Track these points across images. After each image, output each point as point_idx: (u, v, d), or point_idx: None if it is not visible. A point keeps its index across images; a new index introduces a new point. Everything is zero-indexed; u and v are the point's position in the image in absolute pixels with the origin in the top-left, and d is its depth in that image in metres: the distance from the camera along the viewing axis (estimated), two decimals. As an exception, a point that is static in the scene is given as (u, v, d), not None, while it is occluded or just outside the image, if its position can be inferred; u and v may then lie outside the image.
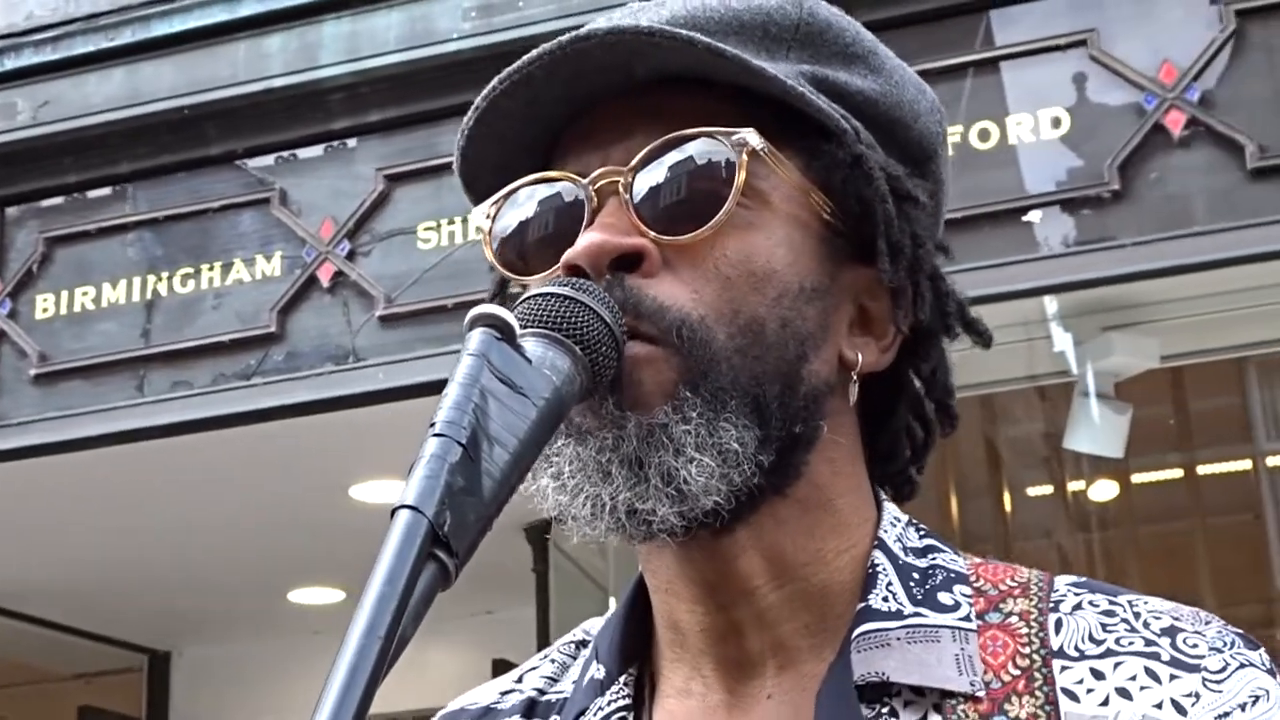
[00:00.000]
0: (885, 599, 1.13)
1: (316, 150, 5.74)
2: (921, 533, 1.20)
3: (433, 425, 0.90)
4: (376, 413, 5.58)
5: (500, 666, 8.13)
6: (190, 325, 5.72)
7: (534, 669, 1.30)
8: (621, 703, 1.17)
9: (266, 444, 6.00)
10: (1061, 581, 1.16)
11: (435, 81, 5.54)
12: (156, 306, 5.79)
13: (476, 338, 0.96)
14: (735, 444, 1.07)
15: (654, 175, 1.11)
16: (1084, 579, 1.16)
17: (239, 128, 5.77)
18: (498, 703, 1.27)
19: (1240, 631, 1.09)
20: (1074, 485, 8.10)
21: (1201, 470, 7.94)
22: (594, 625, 1.29)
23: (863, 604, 1.12)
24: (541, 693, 1.26)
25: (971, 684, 1.07)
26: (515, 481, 0.93)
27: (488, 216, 1.20)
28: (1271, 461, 7.79)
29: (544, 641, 7.45)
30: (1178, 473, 7.85)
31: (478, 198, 1.22)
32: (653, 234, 1.10)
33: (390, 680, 0.83)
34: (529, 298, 1.04)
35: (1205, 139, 4.75)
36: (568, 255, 1.11)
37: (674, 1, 1.18)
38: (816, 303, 1.13)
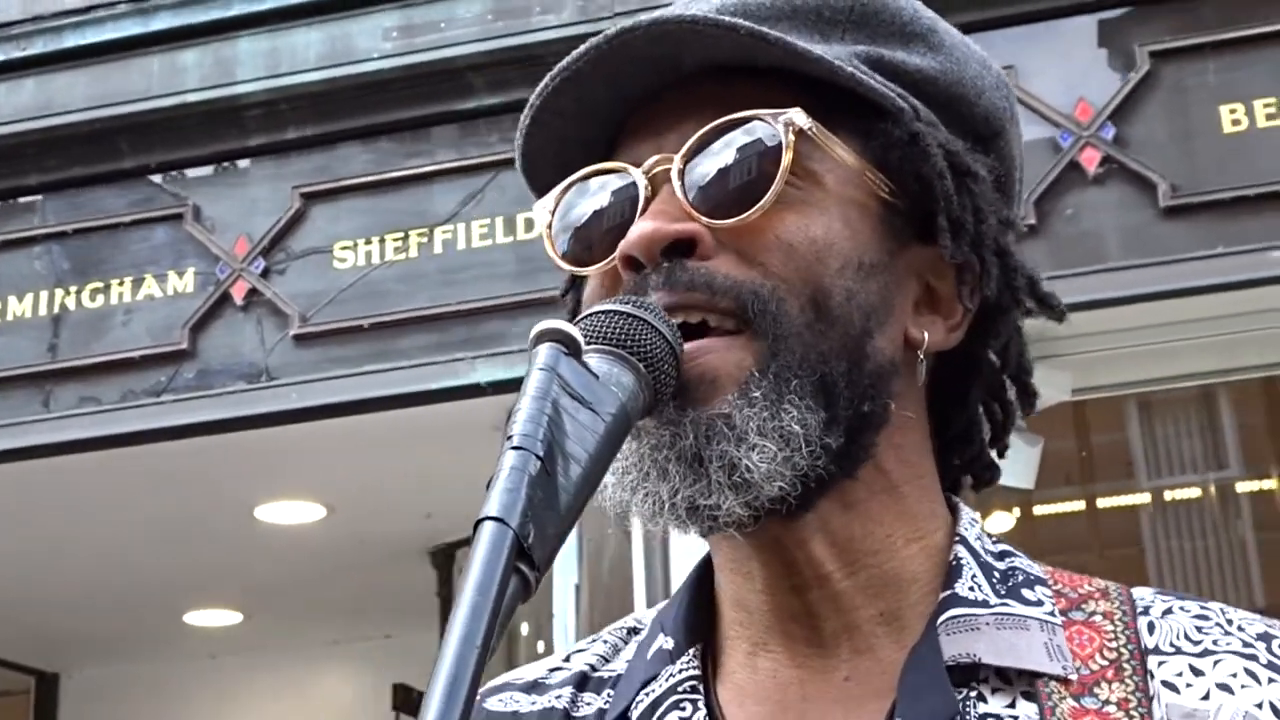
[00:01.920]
0: (971, 589, 1.15)
1: (232, 166, 5.68)
2: (994, 538, 1.22)
3: (509, 438, 0.91)
4: (285, 433, 5.53)
5: (400, 692, 8.07)
6: (99, 341, 5.62)
7: (581, 651, 1.30)
8: (692, 672, 1.17)
9: (171, 462, 5.91)
10: (1143, 590, 1.19)
11: (354, 100, 5.51)
12: (64, 321, 5.69)
13: (544, 352, 0.96)
14: (797, 426, 1.08)
15: (704, 160, 1.13)
16: (1165, 589, 1.19)
17: (152, 142, 5.69)
18: (545, 678, 1.28)
19: None
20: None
21: (1101, 504, 8.07)
22: (645, 615, 1.30)
23: (948, 591, 1.14)
24: (594, 669, 1.27)
25: (1064, 668, 1.10)
26: (587, 496, 0.94)
27: (550, 212, 1.20)
28: (1147, 498, 7.96)
29: (447, 666, 7.40)
30: (1079, 505, 7.97)
31: (540, 194, 1.22)
32: (704, 218, 1.11)
33: (284, 704, 0.83)
34: (591, 314, 1.05)
35: (1119, 177, 4.85)
36: (622, 246, 1.12)
37: None
38: (878, 278, 1.14)
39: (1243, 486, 7.88)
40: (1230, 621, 1.13)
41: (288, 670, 9.24)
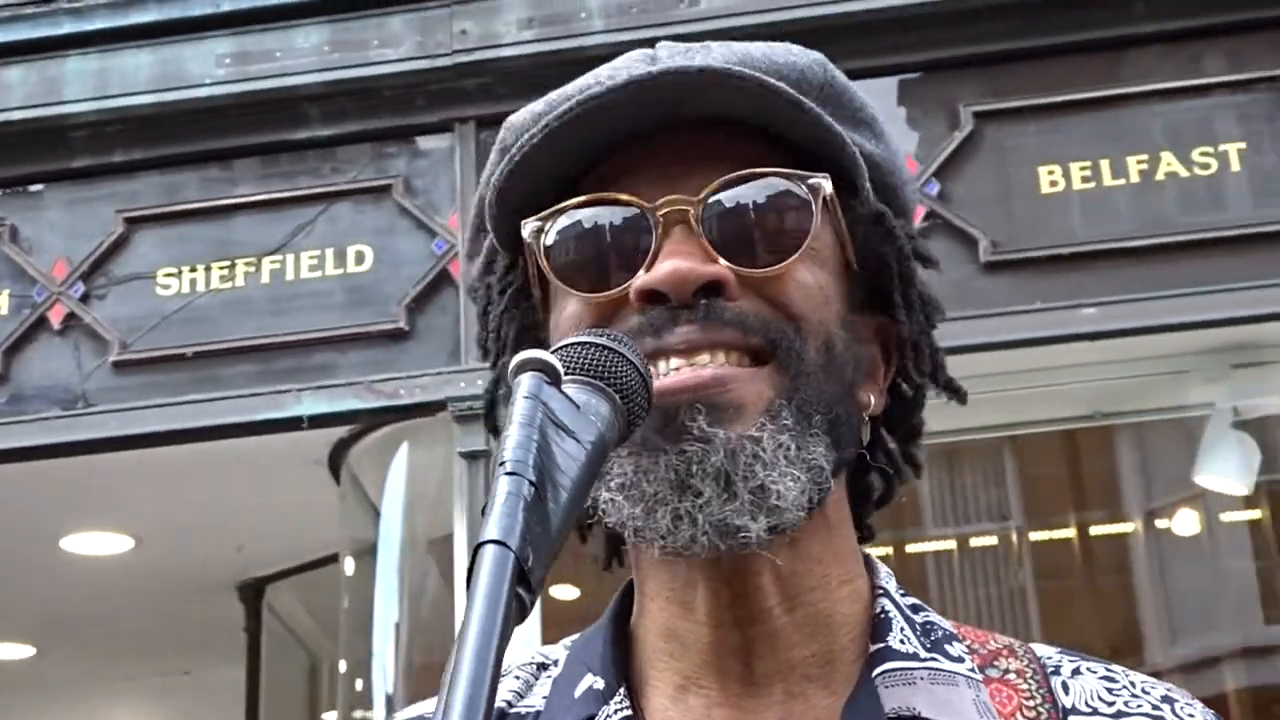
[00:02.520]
0: (902, 641, 1.19)
1: (54, 187, 5.55)
2: (903, 591, 1.27)
3: (503, 464, 0.92)
4: (97, 462, 5.40)
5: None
6: (-93, 361, 5.44)
7: None
8: (625, 713, 1.19)
9: (-23, 489, 5.73)
10: (1044, 648, 1.25)
11: (184, 126, 5.44)
12: None
13: (528, 380, 0.98)
14: (823, 460, 1.14)
15: (728, 207, 1.17)
16: (1059, 646, 1.26)
17: (-29, 159, 5.55)
18: None
19: (1215, 713, 1.21)
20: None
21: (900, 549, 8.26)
22: (550, 650, 1.32)
23: (881, 644, 1.19)
24: (510, 705, 1.27)
25: None
26: (571, 522, 0.95)
27: (539, 231, 1.21)
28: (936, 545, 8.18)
29: (253, 705, 7.27)
30: (881, 550, 8.14)
31: (508, 210, 1.23)
32: (727, 264, 1.16)
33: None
34: (567, 345, 1.07)
35: (942, 232, 5.00)
36: (650, 280, 1.16)
37: (718, 46, 1.25)
38: (853, 333, 1.22)
39: (1027, 536, 8.13)
40: (1134, 684, 1.21)
41: (81, 706, 8.97)
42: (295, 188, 5.40)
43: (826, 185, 1.19)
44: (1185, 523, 6.86)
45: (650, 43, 1.29)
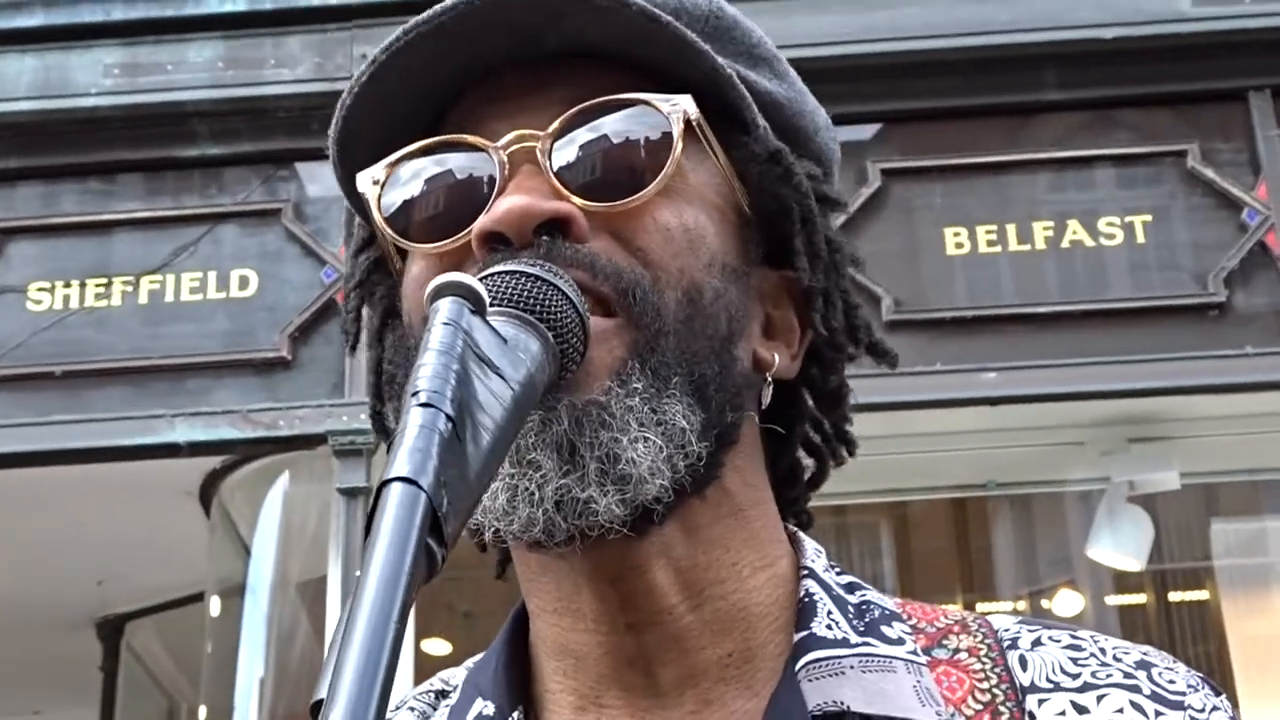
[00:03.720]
0: (829, 627, 1.05)
1: (-76, 193, 5.31)
2: (839, 569, 1.13)
3: (416, 394, 0.77)
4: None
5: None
6: None
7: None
8: None
9: None
10: (1004, 619, 1.11)
11: (66, 136, 5.24)
12: None
13: (448, 306, 0.83)
14: (682, 421, 0.99)
15: (579, 140, 1.04)
16: (1024, 616, 1.12)
17: None
18: None
19: (1203, 675, 1.07)
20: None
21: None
22: (451, 675, 1.16)
23: (805, 632, 1.04)
24: None
25: (938, 713, 1.01)
26: (493, 472, 0.80)
27: (375, 183, 1.07)
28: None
29: (105, 745, 6.98)
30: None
31: (352, 166, 1.09)
32: (579, 200, 1.02)
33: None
34: (496, 273, 0.93)
35: (846, 287, 4.91)
36: (486, 221, 1.01)
37: None
38: (738, 283, 1.07)
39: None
40: (1104, 651, 1.06)
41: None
42: (180, 206, 5.20)
43: (690, 108, 1.04)
44: (1066, 603, 6.80)
45: None
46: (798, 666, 1.02)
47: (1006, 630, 1.09)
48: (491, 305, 0.87)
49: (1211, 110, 5.16)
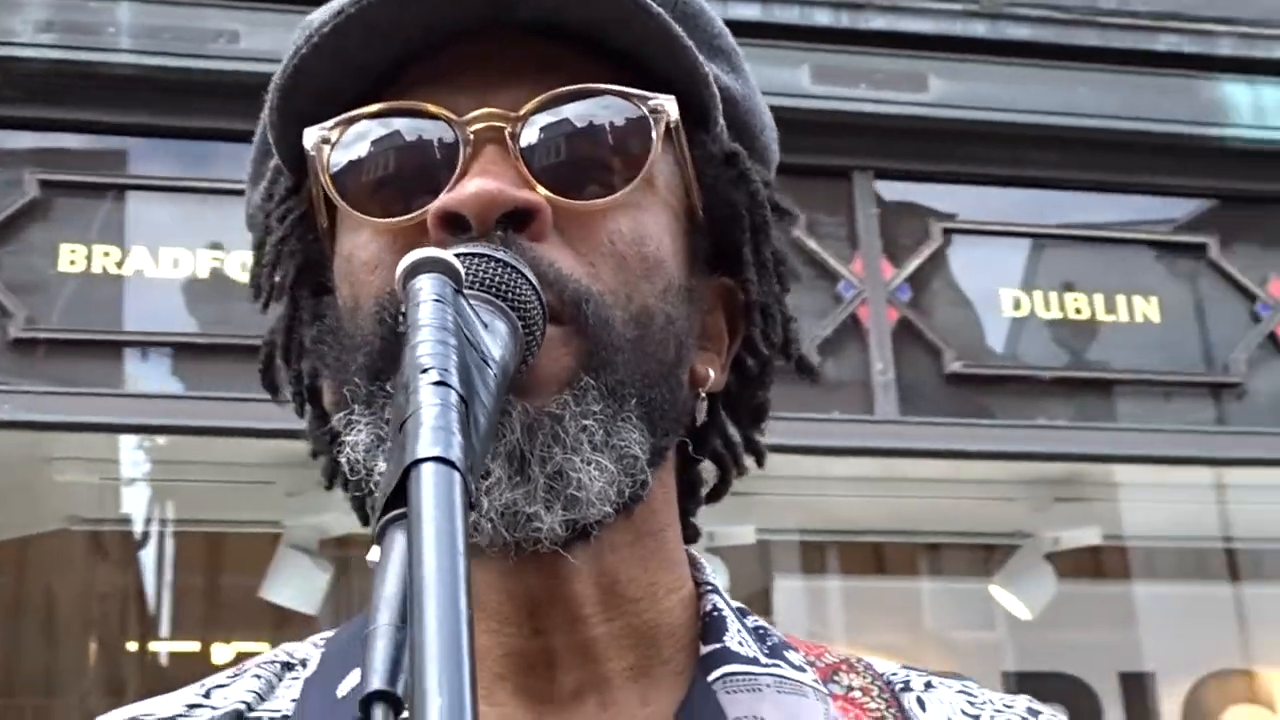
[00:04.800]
0: (741, 644, 1.04)
1: None
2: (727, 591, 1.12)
3: (425, 371, 0.72)
4: None
5: None
6: None
7: (223, 686, 1.08)
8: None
9: None
10: (885, 663, 1.12)
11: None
12: None
13: (431, 284, 0.79)
14: (636, 449, 0.96)
15: (552, 127, 0.99)
16: (901, 663, 1.13)
17: None
18: (183, 715, 1.05)
19: None
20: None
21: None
22: (295, 648, 1.10)
23: (718, 644, 1.03)
24: (249, 707, 1.05)
25: None
26: (482, 467, 0.76)
27: (326, 141, 1.00)
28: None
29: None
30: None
31: (292, 117, 1.02)
32: (546, 191, 0.97)
33: None
34: (466, 255, 0.89)
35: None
36: (450, 201, 0.95)
37: None
38: (687, 304, 1.04)
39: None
40: (994, 700, 1.09)
41: None
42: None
43: (672, 109, 1.01)
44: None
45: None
46: (713, 676, 1.01)
47: (894, 674, 1.10)
48: (466, 287, 0.83)
49: (818, 185, 5.40)
